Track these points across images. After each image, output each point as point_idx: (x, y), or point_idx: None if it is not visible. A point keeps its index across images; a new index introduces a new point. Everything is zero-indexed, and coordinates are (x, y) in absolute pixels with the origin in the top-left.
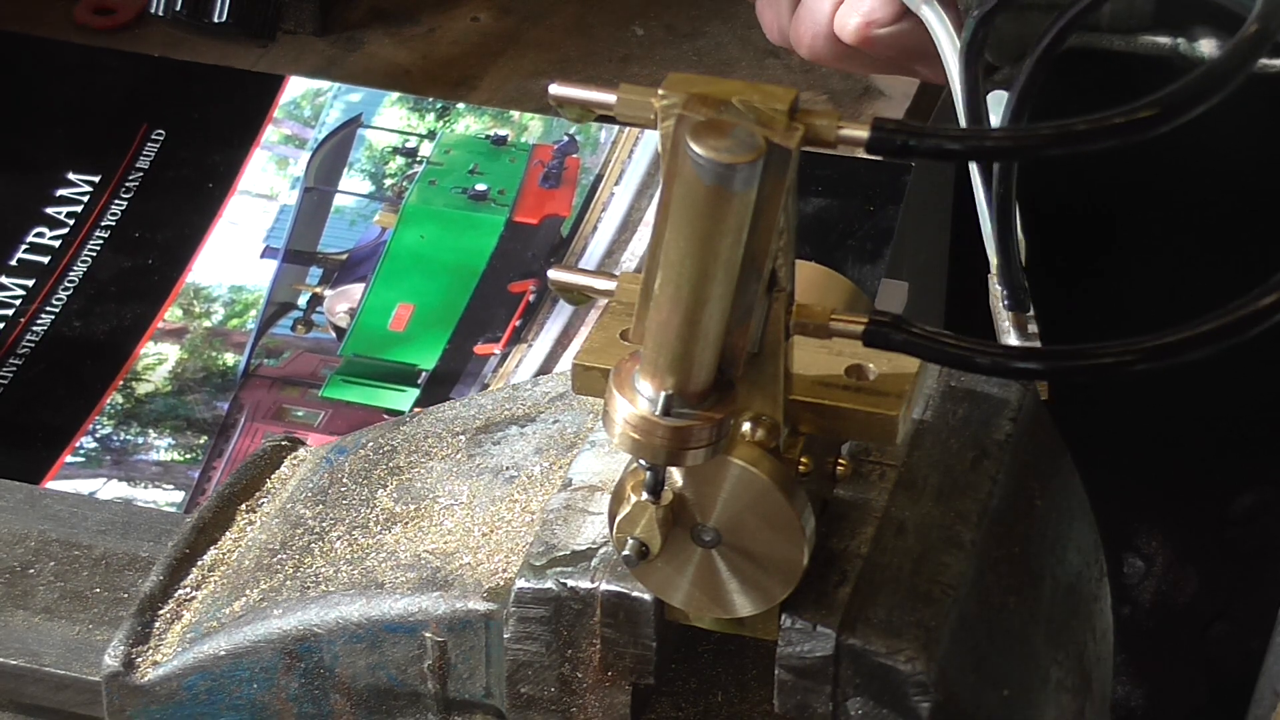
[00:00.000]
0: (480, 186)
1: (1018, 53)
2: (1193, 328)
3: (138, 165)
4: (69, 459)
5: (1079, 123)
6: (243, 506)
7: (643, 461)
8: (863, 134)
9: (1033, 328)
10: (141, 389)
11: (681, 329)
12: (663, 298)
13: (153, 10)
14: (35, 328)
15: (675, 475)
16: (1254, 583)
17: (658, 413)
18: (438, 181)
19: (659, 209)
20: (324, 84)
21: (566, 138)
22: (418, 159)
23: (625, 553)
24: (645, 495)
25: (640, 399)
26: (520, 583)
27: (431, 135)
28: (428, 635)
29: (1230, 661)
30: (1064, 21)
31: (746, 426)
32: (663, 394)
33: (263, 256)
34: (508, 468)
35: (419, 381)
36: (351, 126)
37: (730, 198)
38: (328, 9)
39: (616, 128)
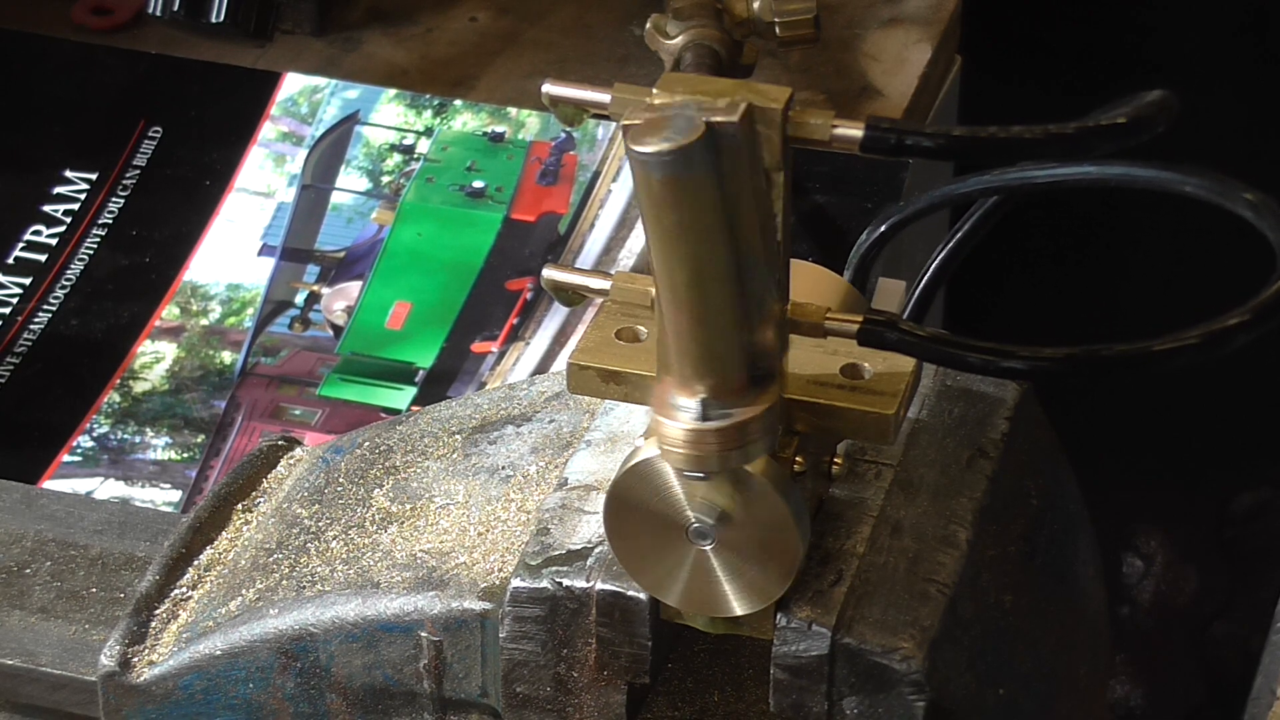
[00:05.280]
0: (477, 184)
1: None
2: (1178, 338)
3: (135, 163)
4: (66, 458)
5: (1073, 127)
6: (239, 506)
7: (699, 474)
8: (857, 133)
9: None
10: (139, 388)
11: (693, 330)
12: (666, 305)
13: (150, 10)
14: (32, 326)
15: None
16: (1254, 583)
17: (697, 419)
18: (435, 179)
19: (641, 218)
20: (321, 81)
21: (564, 134)
22: (415, 156)
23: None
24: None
25: (680, 414)
26: (516, 582)
27: (429, 132)
28: (423, 635)
29: (1229, 661)
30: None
31: None
32: (698, 400)
33: (260, 254)
34: (504, 467)
35: (416, 380)
36: (349, 123)
37: (684, 185)
38: (325, 9)
39: (614, 124)
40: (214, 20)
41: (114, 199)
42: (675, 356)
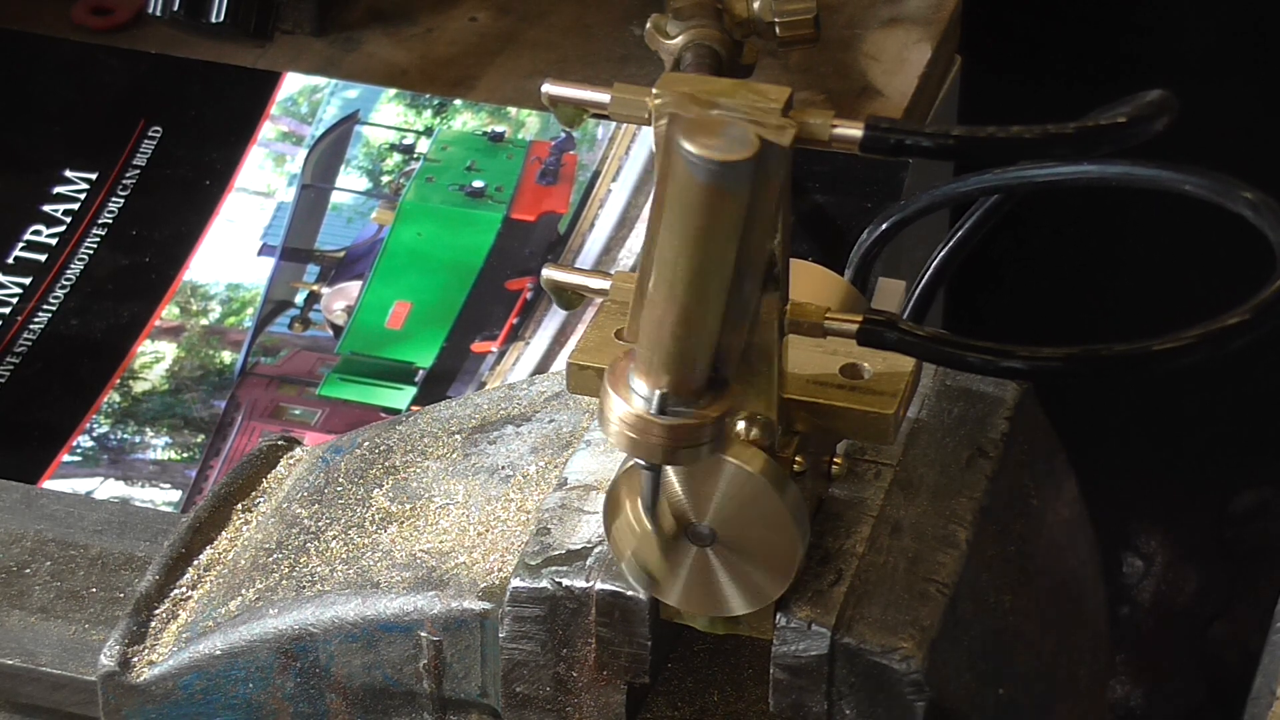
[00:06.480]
0: (477, 183)
1: None
2: (1178, 338)
3: (135, 163)
4: (66, 458)
5: (1073, 127)
6: (239, 506)
7: (640, 461)
8: (856, 133)
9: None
10: (138, 387)
11: (676, 328)
12: (657, 296)
13: (150, 10)
14: (32, 326)
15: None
16: (1253, 583)
17: (653, 411)
18: (435, 178)
19: (652, 207)
20: (321, 80)
21: (564, 134)
22: (415, 156)
23: (636, 582)
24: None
25: (635, 398)
26: (515, 582)
27: (429, 132)
28: (423, 635)
29: (1229, 661)
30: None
31: (741, 425)
32: (657, 392)
33: (260, 254)
34: (503, 467)
35: (416, 379)
36: (348, 123)
37: (724, 196)
38: (325, 9)
39: (614, 124)
40: (214, 20)
41: (114, 199)
42: (648, 345)
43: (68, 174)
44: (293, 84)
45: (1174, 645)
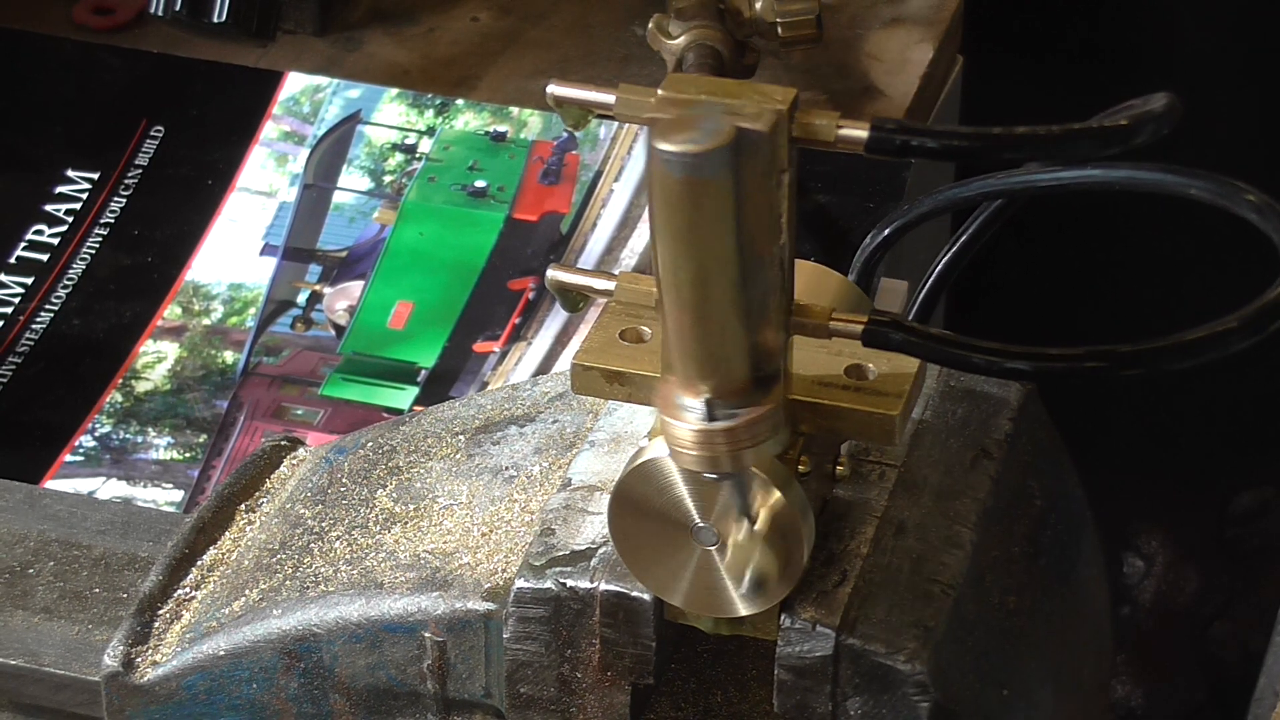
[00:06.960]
0: (480, 183)
1: None
2: (1178, 338)
3: (137, 162)
4: (68, 458)
5: (1077, 129)
6: (242, 506)
7: (714, 476)
8: (862, 133)
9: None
10: (141, 387)
11: (695, 329)
12: (668, 303)
13: (152, 10)
14: (34, 326)
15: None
16: (1254, 583)
17: (705, 419)
18: (437, 178)
19: (649, 217)
20: (323, 80)
21: (566, 134)
22: (417, 155)
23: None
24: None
25: (687, 414)
26: (520, 582)
27: (431, 131)
28: (427, 635)
29: (1230, 661)
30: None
31: None
32: (703, 400)
33: (262, 254)
34: (507, 468)
35: (418, 379)
36: (351, 123)
37: (702, 187)
38: (327, 9)
39: (616, 124)
40: (216, 20)
41: (116, 198)
42: (678, 356)
43: (69, 173)
44: (295, 84)
45: (1174, 645)
